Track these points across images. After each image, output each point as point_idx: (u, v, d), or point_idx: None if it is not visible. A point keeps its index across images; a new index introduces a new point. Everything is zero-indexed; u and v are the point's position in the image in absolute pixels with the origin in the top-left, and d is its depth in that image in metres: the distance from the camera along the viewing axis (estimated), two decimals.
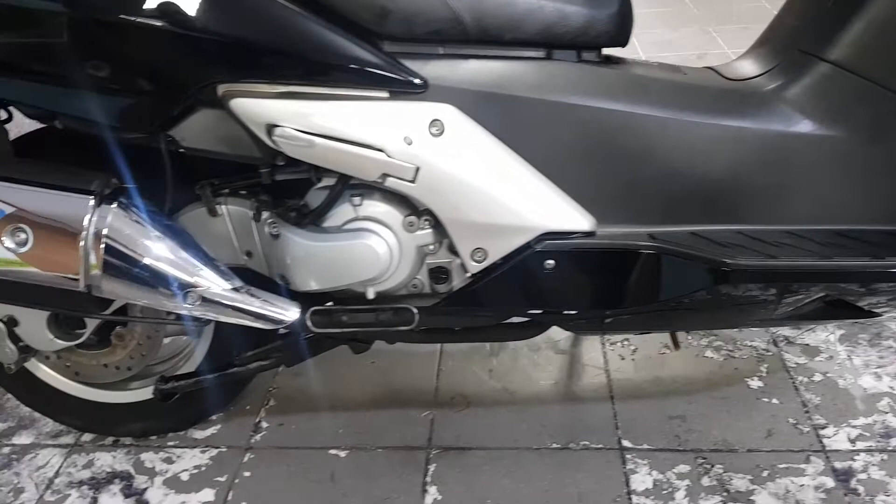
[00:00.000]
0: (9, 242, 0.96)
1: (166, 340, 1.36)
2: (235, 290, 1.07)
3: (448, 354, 1.64)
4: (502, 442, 1.42)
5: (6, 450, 1.49)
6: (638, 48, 3.25)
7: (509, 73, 1.07)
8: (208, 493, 1.36)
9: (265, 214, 1.13)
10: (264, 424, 1.51)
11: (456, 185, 1.04)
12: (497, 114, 1.05)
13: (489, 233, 1.07)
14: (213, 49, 0.96)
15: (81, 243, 0.97)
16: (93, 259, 0.98)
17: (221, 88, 1.00)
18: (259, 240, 1.15)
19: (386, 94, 1.02)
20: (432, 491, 1.33)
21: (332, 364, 1.59)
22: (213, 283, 1.05)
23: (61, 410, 1.43)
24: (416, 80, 1.02)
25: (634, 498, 1.29)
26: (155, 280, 1.02)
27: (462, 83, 1.05)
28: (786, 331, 1.63)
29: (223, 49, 0.97)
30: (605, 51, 1.13)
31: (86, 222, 0.97)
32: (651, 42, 3.41)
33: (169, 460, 1.44)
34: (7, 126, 1.12)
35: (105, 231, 0.98)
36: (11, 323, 1.22)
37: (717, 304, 1.17)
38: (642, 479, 1.33)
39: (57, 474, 1.43)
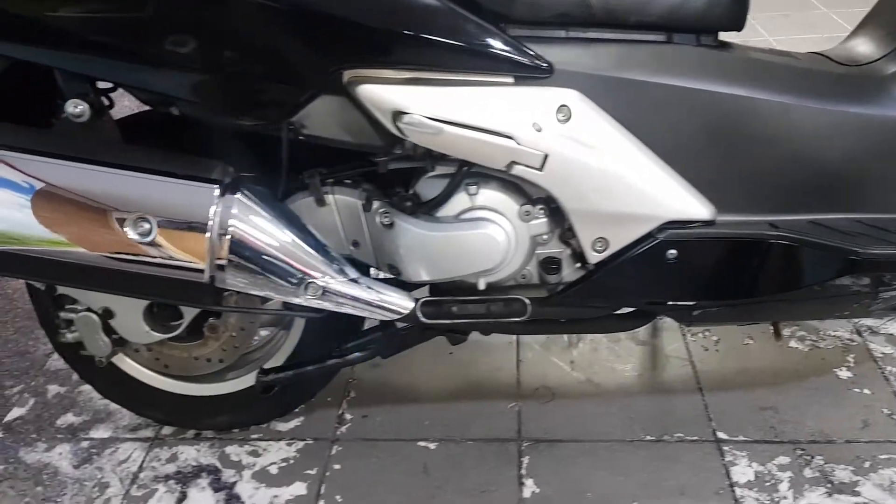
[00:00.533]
0: (132, 233, 0.94)
1: (261, 332, 1.33)
2: (354, 280, 1.04)
3: (526, 345, 1.62)
4: (593, 434, 1.40)
5: (85, 444, 1.47)
6: None
7: (631, 56, 1.05)
8: (300, 487, 1.34)
9: (376, 204, 1.10)
10: (348, 416, 1.49)
11: (583, 172, 1.01)
12: (619, 98, 1.03)
13: (612, 221, 1.05)
14: (346, 34, 0.94)
15: (208, 234, 0.94)
16: (218, 250, 0.95)
17: (348, 74, 0.97)
18: (368, 229, 1.12)
19: (511, 80, 1.00)
20: (529, 483, 1.32)
21: (408, 355, 1.56)
22: (333, 274, 1.03)
23: (145, 404, 1.41)
24: (542, 65, 0.99)
25: (738, 490, 1.27)
26: (278, 271, 1.00)
27: (586, 67, 1.02)
28: (868, 321, 1.61)
29: (355, 34, 0.94)
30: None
31: (212, 213, 0.94)
32: None
33: (255, 453, 1.41)
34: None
35: (231, 222, 0.95)
36: (107, 315, 1.20)
37: (822, 294, 1.15)
38: (743, 471, 1.31)
39: (141, 468, 1.40)
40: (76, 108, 0.99)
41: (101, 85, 1.06)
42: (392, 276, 1.15)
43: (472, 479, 1.33)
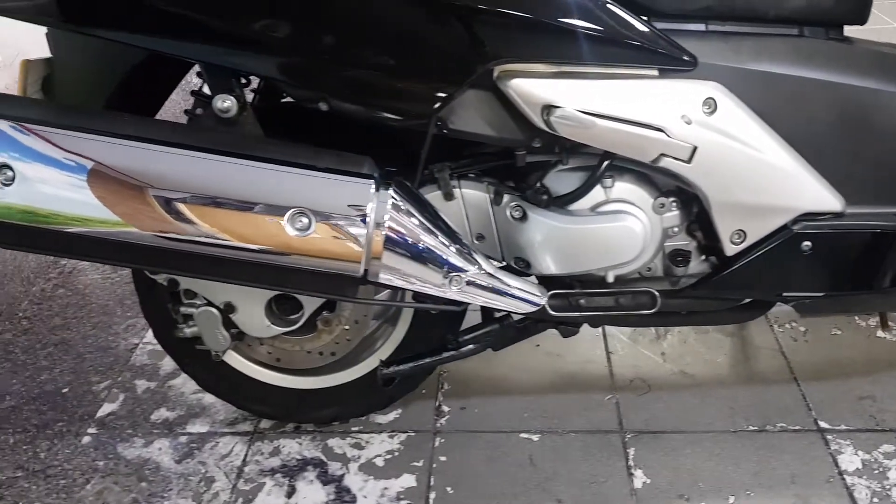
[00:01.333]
0: (291, 229, 0.94)
1: (372, 324, 1.33)
2: (493, 273, 1.05)
3: (614, 337, 1.63)
4: (696, 425, 1.42)
5: (183, 438, 1.47)
6: None
7: (768, 49, 1.05)
8: (409, 479, 1.35)
9: (507, 197, 1.10)
10: (445, 408, 1.50)
11: (729, 164, 1.02)
12: (757, 91, 1.04)
13: (752, 213, 1.06)
14: (499, 28, 0.94)
15: (365, 229, 0.94)
16: (374, 245, 0.95)
17: (498, 69, 0.97)
18: (496, 223, 1.13)
19: (656, 72, 1.00)
20: (639, 474, 1.33)
21: None
22: (475, 268, 1.03)
23: (251, 398, 1.41)
24: (686, 58, 1.00)
25: (847, 478, 1.29)
26: (428, 265, 1.00)
27: (727, 60, 1.03)
28: None
29: (508, 28, 0.94)
30: None
31: (369, 209, 0.94)
32: None
33: (358, 446, 1.42)
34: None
35: (385, 217, 0.96)
36: (228, 309, 1.20)
37: None
38: (850, 459, 1.32)
39: (245, 462, 1.40)
40: (224, 103, 0.99)
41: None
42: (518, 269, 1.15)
43: (580, 470, 1.34)
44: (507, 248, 1.15)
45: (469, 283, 1.03)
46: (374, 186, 0.95)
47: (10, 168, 0.90)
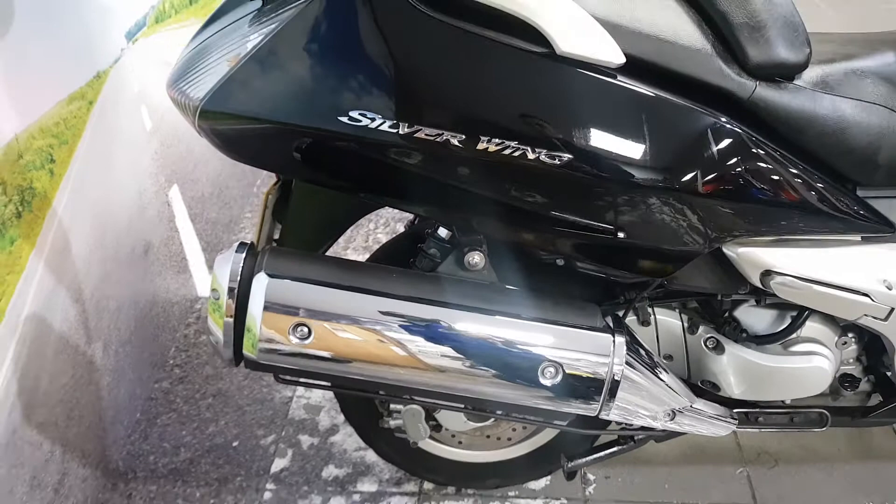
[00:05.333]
0: (541, 379, 1.07)
1: None
2: (698, 407, 1.19)
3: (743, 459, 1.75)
4: (823, 501, 1.57)
5: (356, 497, 1.63)
6: None
7: None
8: None
9: (702, 329, 1.24)
10: (591, 476, 1.65)
11: None
12: None
13: None
14: (742, 211, 1.04)
15: (605, 377, 1.08)
16: (610, 389, 1.09)
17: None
18: (687, 348, 1.26)
19: (859, 238, 1.12)
20: None
21: None
22: (686, 402, 1.17)
23: (427, 468, 1.56)
24: (886, 225, 1.12)
25: None
26: (651, 404, 1.14)
27: None
28: None
29: (750, 211, 1.04)
30: None
31: (608, 359, 1.07)
32: None
33: None
34: None
35: (621, 365, 1.09)
36: (432, 407, 1.34)
37: None
38: None
39: None
40: (474, 258, 1.11)
41: None
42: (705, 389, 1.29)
43: None
44: (695, 370, 1.28)
45: (674, 414, 1.17)
46: (611, 339, 1.08)
47: (307, 326, 1.03)
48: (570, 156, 0.93)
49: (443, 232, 1.15)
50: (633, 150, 0.95)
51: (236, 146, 1.03)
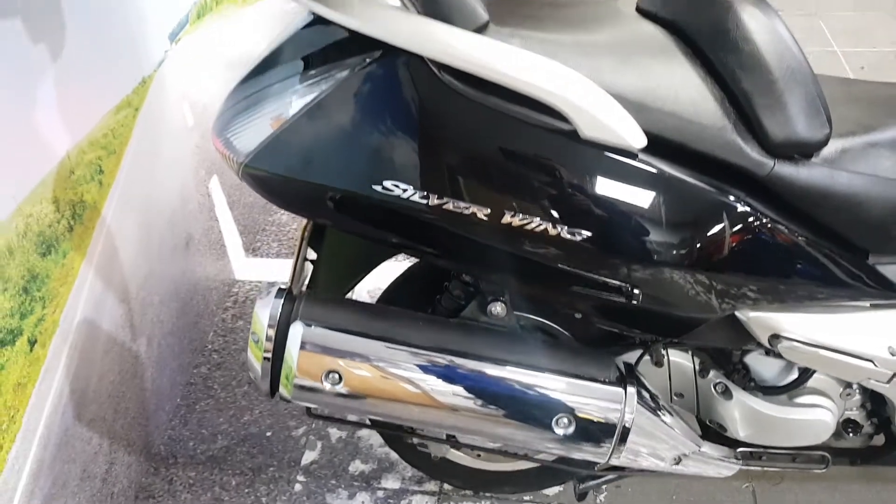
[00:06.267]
0: (555, 429, 1.14)
1: None
2: (706, 451, 1.25)
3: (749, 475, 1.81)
4: None
5: (381, 493, 1.74)
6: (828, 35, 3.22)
7: None
8: None
9: (713, 373, 1.29)
10: (603, 486, 1.74)
11: None
12: None
13: None
14: (755, 285, 1.09)
15: (616, 426, 1.15)
16: (621, 437, 1.16)
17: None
18: (697, 390, 1.32)
19: (868, 305, 1.16)
20: None
21: None
22: (695, 447, 1.23)
23: (447, 474, 1.66)
24: (894, 291, 1.15)
25: None
26: (660, 450, 1.20)
27: None
28: None
29: (761, 283, 1.09)
30: None
31: (620, 410, 1.14)
32: (841, 30, 3.37)
33: None
34: None
35: (632, 415, 1.15)
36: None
37: None
38: None
39: None
40: (496, 309, 1.18)
41: None
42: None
43: None
44: (704, 410, 1.35)
45: (682, 458, 1.24)
46: (623, 391, 1.15)
47: (338, 372, 1.11)
48: (589, 233, 0.98)
49: (467, 276, 1.21)
50: (650, 228, 1.00)
51: (276, 197, 1.10)
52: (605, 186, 0.98)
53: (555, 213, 0.98)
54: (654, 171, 0.98)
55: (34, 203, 1.34)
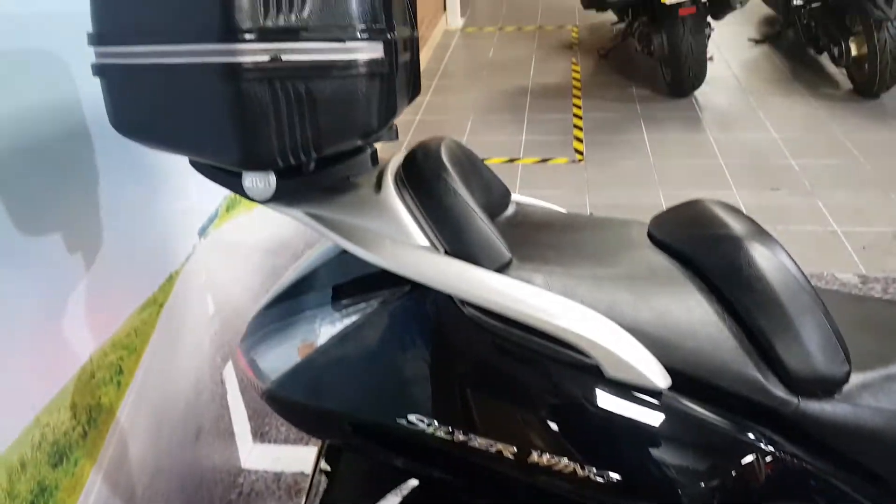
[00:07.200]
0: None
1: None
2: None
3: None
4: None
5: None
6: (826, 214, 3.31)
7: None
8: None
9: None
10: None
11: None
12: None
13: None
14: None
15: None
16: None
17: None
18: None
19: None
20: None
21: None
22: None
23: None
24: None
25: None
26: None
27: None
28: None
29: None
30: None
31: None
32: (838, 209, 3.46)
33: None
34: None
35: None
36: None
37: None
38: None
39: None
40: None
41: None
42: None
43: None
44: None
45: None
46: None
47: None
48: (619, 476, 0.96)
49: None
50: (680, 468, 0.98)
51: (300, 421, 1.10)
52: (632, 427, 0.98)
53: (583, 454, 0.96)
54: (680, 408, 0.97)
55: (52, 411, 1.33)
